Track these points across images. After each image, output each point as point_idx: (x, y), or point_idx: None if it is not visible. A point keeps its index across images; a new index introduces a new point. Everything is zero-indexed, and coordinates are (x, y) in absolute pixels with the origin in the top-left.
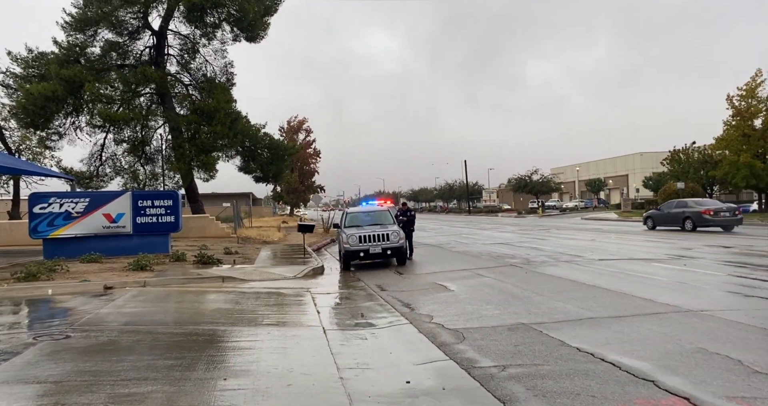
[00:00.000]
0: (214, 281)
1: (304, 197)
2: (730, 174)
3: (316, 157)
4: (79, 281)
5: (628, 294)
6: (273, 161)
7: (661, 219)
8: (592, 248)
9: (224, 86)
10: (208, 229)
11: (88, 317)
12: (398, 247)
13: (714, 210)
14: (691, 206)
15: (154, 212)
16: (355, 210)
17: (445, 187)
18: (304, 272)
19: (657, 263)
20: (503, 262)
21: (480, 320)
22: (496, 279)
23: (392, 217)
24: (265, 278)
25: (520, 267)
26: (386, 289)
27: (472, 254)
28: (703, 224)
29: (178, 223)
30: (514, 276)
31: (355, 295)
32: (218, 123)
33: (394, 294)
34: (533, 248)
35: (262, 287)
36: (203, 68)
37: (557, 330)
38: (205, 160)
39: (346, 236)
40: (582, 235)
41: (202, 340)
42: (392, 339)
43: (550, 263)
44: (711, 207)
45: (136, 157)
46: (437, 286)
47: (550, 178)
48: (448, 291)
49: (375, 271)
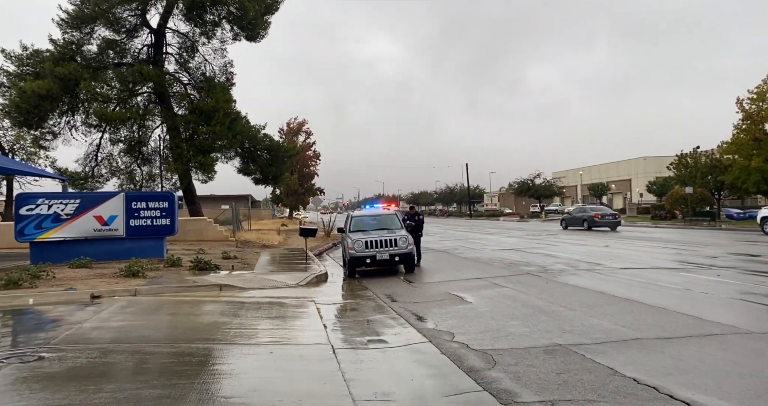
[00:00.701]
0: (211, 289)
1: (303, 200)
2: (740, 179)
3: (316, 159)
4: (64, 289)
5: (669, 310)
6: (273, 163)
7: (571, 221)
8: (609, 255)
9: (223, 86)
10: (205, 232)
11: (68, 333)
12: (407, 253)
13: (601, 214)
14: (587, 211)
15: (148, 215)
16: (360, 214)
17: (445, 190)
18: (307, 280)
19: (686, 273)
20: (518, 270)
21: (509, 340)
22: (516, 290)
23: (400, 221)
24: (265, 286)
25: (538, 276)
26: (397, 299)
27: (482, 260)
28: (595, 225)
29: (173, 226)
30: (535, 286)
31: (363, 306)
32: (217, 123)
33: (407, 306)
34: (547, 255)
35: (263, 297)
36: (202, 67)
37: (602, 354)
38: (204, 161)
39: (352, 242)
40: (593, 240)
41: (196, 362)
42: (412, 362)
43: (569, 272)
44: (599, 212)
45: (132, 157)
46: (453, 297)
47: (553, 182)
48: (465, 303)
49: (382, 278)
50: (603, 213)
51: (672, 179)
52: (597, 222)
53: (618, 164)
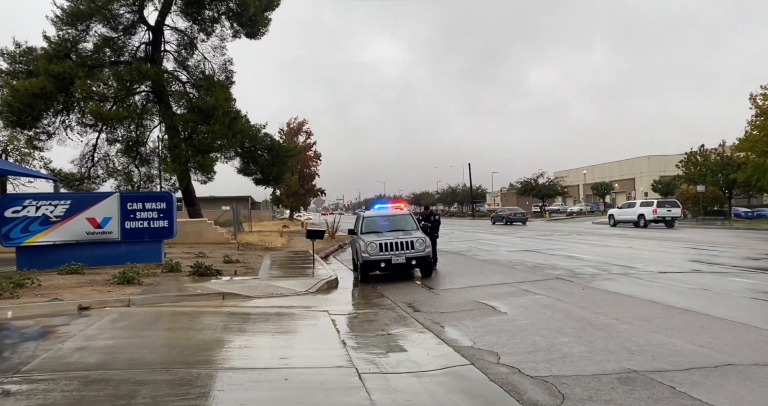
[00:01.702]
0: (213, 298)
1: (304, 201)
2: (754, 177)
3: (317, 159)
4: (49, 299)
5: (749, 325)
6: (274, 163)
7: (496, 218)
8: (637, 257)
9: (223, 84)
10: (205, 234)
11: (44, 357)
12: (424, 256)
13: (513, 213)
14: (505, 211)
15: (145, 216)
16: (372, 214)
17: (447, 190)
18: (317, 287)
19: (735, 277)
20: (545, 274)
21: (568, 363)
22: (552, 297)
23: (414, 221)
24: (272, 294)
25: (569, 281)
26: (420, 309)
27: (501, 263)
28: (509, 221)
29: (172, 228)
30: (571, 294)
31: (383, 317)
32: (216, 122)
33: (433, 317)
34: (569, 257)
35: (270, 306)
36: (201, 65)
37: (697, 386)
38: (203, 161)
39: (365, 244)
40: (611, 241)
41: (197, 394)
42: (457, 392)
43: (602, 276)
44: (512, 211)
45: (130, 158)
46: (483, 306)
47: (556, 182)
48: (499, 314)
49: (398, 284)
50: (515, 212)
51: (681, 178)
52: (511, 218)
53: (621, 163)
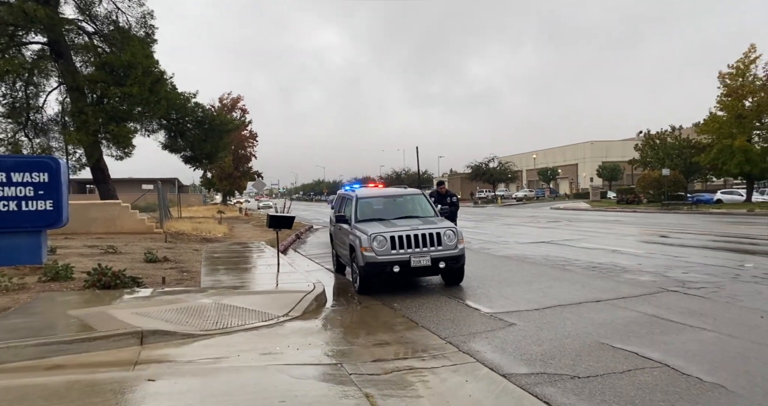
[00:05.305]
0: (123, 343)
1: (239, 184)
2: (720, 159)
3: (253, 140)
4: None
5: None
6: (207, 138)
7: None
8: (691, 252)
9: (142, 39)
10: (120, 221)
11: None
12: (457, 256)
13: None
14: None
15: (11, 194)
16: (371, 194)
17: (392, 175)
18: (300, 306)
19: None
20: (625, 279)
21: None
22: (721, 333)
23: (431, 204)
24: (230, 328)
25: (699, 297)
26: (517, 357)
27: (536, 261)
28: None
29: (60, 211)
30: (743, 324)
31: (467, 388)
32: (135, 83)
33: (564, 384)
34: (613, 251)
35: (232, 366)
36: (114, 16)
37: None
38: (117, 131)
39: (367, 238)
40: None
41: None
42: None
43: (731, 285)
44: None
45: (18, 124)
46: (632, 356)
47: (508, 166)
48: (661, 366)
49: (418, 297)
50: None
51: (636, 161)
52: None
53: (564, 149)
